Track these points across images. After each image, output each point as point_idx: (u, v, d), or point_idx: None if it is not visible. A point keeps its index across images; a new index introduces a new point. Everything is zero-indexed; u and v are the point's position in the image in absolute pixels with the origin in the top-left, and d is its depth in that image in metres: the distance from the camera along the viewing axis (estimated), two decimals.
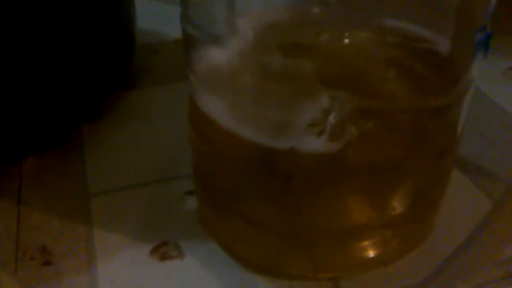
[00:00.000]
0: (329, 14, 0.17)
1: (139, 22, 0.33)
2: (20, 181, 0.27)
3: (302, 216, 0.20)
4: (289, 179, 0.19)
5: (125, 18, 0.31)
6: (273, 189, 0.20)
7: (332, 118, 0.17)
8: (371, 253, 0.22)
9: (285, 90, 0.18)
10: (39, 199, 0.26)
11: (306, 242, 0.21)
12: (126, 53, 0.32)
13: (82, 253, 0.23)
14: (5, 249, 0.23)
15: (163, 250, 0.23)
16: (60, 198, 0.26)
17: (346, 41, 0.17)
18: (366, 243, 0.22)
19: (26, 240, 0.24)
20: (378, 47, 0.18)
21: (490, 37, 0.18)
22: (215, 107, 0.19)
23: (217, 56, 0.19)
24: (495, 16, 0.19)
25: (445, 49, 0.18)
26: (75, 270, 0.23)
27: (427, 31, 0.18)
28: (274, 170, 0.19)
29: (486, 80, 0.34)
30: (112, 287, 0.22)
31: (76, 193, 0.26)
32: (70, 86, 0.27)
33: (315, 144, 0.18)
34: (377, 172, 0.19)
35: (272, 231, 0.21)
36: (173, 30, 0.39)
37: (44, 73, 0.25)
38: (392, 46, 0.18)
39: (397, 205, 0.21)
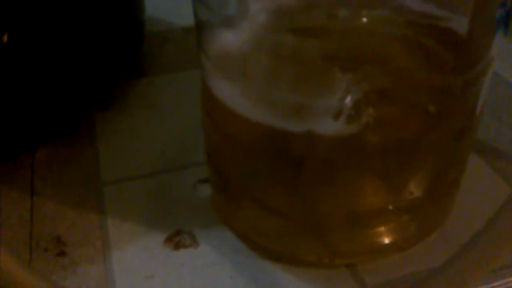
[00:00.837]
0: None
1: (147, 10, 0.33)
2: (32, 171, 0.27)
3: (317, 201, 0.20)
4: (304, 163, 0.19)
5: (134, 7, 0.31)
6: (288, 173, 0.19)
7: (348, 100, 0.17)
8: (388, 239, 0.21)
9: (299, 73, 0.17)
10: (52, 189, 0.26)
11: (321, 228, 0.21)
12: (136, 41, 0.32)
13: (96, 242, 0.23)
14: (19, 239, 0.23)
15: (177, 239, 0.23)
16: (73, 188, 0.26)
17: (361, 21, 0.17)
18: (383, 228, 0.21)
19: (40, 230, 0.24)
20: (394, 27, 0.17)
21: (510, 14, 0.18)
22: (229, 91, 0.19)
23: (229, 39, 0.18)
24: None
25: (463, 27, 0.17)
26: (90, 259, 0.23)
27: (444, 9, 0.17)
28: (289, 154, 0.19)
29: (502, 63, 0.33)
30: (127, 276, 0.22)
31: (89, 182, 0.26)
32: (81, 75, 0.27)
33: (332, 126, 0.17)
34: (395, 154, 0.19)
35: (288, 217, 0.21)
36: (182, 18, 0.39)
37: (55, 62, 0.25)
38: (408, 25, 0.17)
39: (415, 188, 0.20)
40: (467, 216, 0.23)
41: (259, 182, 0.21)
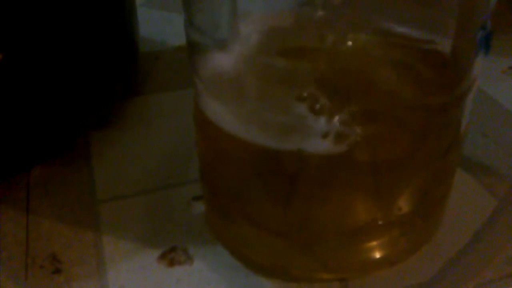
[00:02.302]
0: (332, 17, 0.18)
1: (141, 31, 0.34)
2: (28, 190, 0.27)
3: (308, 217, 0.21)
4: (295, 180, 0.19)
5: (128, 27, 0.32)
6: (280, 190, 0.20)
7: (337, 120, 0.17)
8: (379, 253, 0.22)
9: (289, 94, 0.18)
10: (47, 208, 0.26)
11: (313, 243, 0.21)
12: (130, 61, 0.33)
13: (91, 260, 0.24)
14: (15, 258, 0.24)
15: (171, 256, 0.24)
16: (68, 206, 0.26)
17: (349, 43, 0.18)
18: (373, 243, 0.22)
19: (36, 248, 0.24)
20: (381, 49, 0.18)
21: (491, 36, 0.19)
22: (220, 111, 0.19)
23: (221, 61, 0.19)
24: (495, 15, 0.19)
25: (447, 49, 0.18)
26: (85, 277, 0.23)
27: (429, 31, 0.18)
28: (280, 172, 0.19)
29: (487, 80, 0.34)
30: None
31: (84, 200, 0.26)
32: (76, 94, 0.27)
33: (320, 146, 0.18)
34: (383, 172, 0.19)
35: (280, 233, 0.21)
36: (174, 37, 0.39)
37: (49, 82, 0.26)
38: (395, 47, 0.18)
39: (404, 204, 0.21)
40: (456, 230, 0.24)
41: (252, 200, 0.21)
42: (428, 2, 0.17)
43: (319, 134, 0.18)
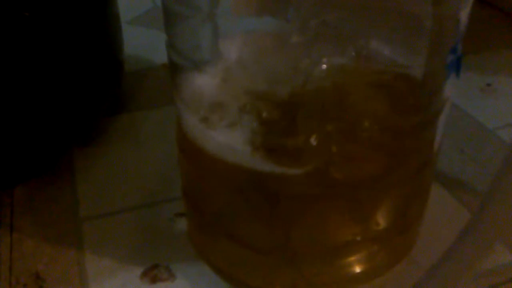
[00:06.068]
0: (310, 40, 0.18)
1: (127, 49, 0.34)
2: (12, 208, 0.27)
3: (289, 235, 0.21)
4: (275, 199, 0.20)
5: (113, 45, 0.32)
6: (261, 209, 0.20)
7: (313, 140, 0.18)
8: (359, 268, 0.22)
9: (265, 114, 0.18)
10: (31, 226, 0.26)
11: (296, 260, 0.22)
12: (115, 78, 0.33)
13: (75, 278, 0.24)
14: None
15: (153, 273, 0.24)
16: (52, 224, 0.26)
17: (325, 66, 0.18)
18: (353, 258, 0.22)
19: (20, 267, 0.24)
20: (356, 72, 0.19)
21: (461, 59, 0.19)
22: (200, 131, 0.20)
23: (201, 82, 0.19)
24: (471, 35, 0.19)
25: (419, 72, 0.18)
26: None
27: (402, 55, 0.19)
28: (262, 191, 0.20)
29: (464, 97, 0.35)
30: None
31: (67, 218, 0.27)
32: (61, 113, 0.27)
33: (299, 165, 0.18)
34: (359, 190, 0.20)
35: (261, 250, 0.22)
36: (161, 55, 0.40)
37: (34, 100, 0.26)
38: (369, 70, 0.19)
39: (381, 220, 0.21)
40: (432, 243, 0.24)
41: (233, 217, 0.21)
42: (401, 26, 0.18)
43: (295, 154, 0.18)
